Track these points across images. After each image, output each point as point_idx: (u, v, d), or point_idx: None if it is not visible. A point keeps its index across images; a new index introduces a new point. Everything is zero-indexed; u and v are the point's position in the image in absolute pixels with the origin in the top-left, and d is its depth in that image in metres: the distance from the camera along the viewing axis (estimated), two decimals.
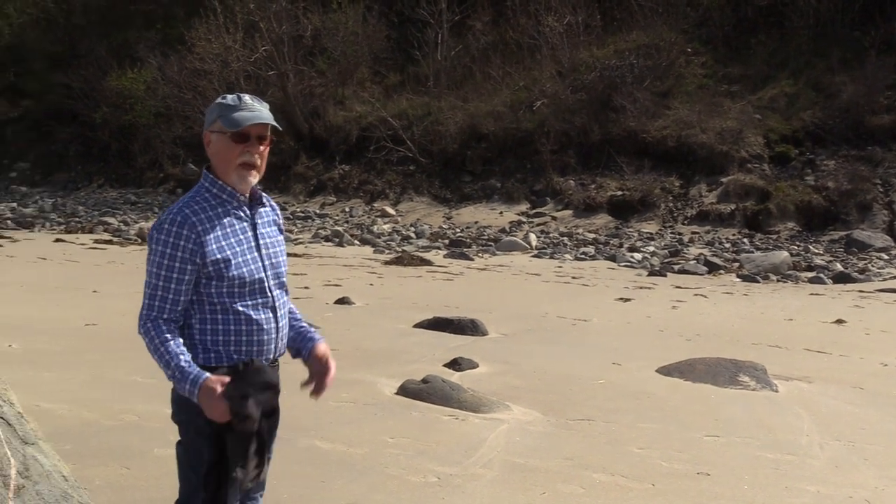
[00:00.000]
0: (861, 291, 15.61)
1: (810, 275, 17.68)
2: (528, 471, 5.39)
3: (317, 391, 3.29)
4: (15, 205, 28.69)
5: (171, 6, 35.72)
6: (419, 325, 10.61)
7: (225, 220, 3.07)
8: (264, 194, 3.23)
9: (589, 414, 6.77)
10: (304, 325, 3.40)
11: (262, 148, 3.10)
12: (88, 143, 33.05)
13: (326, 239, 22.77)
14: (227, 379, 2.94)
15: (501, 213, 25.15)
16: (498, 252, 20.91)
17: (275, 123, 3.10)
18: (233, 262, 3.04)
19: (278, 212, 3.32)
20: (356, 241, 22.37)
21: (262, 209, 3.20)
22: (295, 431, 5.96)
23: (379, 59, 31.70)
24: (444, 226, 24.71)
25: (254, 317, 3.07)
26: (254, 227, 3.14)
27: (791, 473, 5.50)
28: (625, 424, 6.50)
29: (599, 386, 7.77)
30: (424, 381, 7.24)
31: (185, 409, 3.01)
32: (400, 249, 20.84)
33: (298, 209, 26.93)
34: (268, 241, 3.17)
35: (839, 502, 5.07)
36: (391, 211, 26.24)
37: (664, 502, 4.96)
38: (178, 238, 2.97)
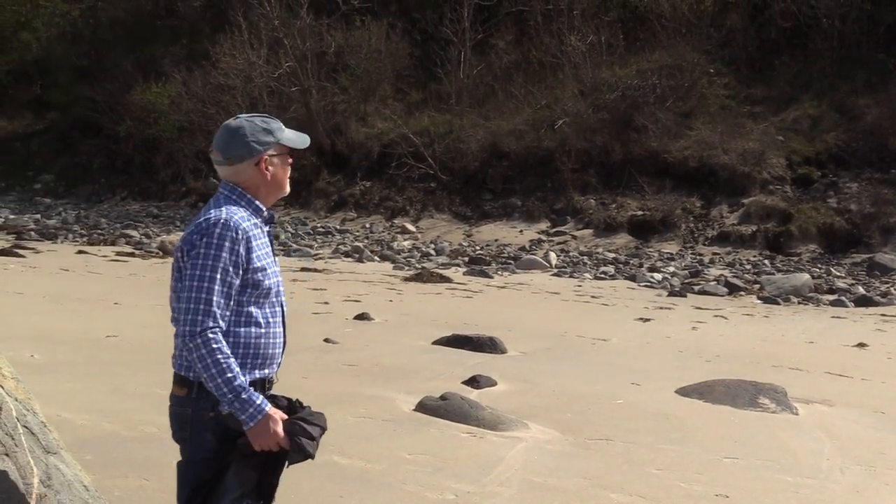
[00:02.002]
0: (883, 315, 15.48)
1: (832, 297, 17.55)
2: (545, 490, 5.38)
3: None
4: (39, 216, 28.93)
5: (197, 22, 36.04)
6: (438, 342, 10.61)
7: (257, 231, 3.12)
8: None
9: (607, 434, 6.75)
10: None
11: None
12: (112, 156, 33.31)
13: (346, 254, 22.82)
14: (284, 415, 2.98)
15: (521, 231, 25.13)
16: (517, 270, 20.89)
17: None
18: (268, 270, 3.09)
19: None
20: (376, 258, 22.41)
21: (271, 226, 3.27)
22: None
23: (401, 76, 31.83)
24: (463, 243, 24.72)
25: (272, 329, 3.11)
26: (270, 242, 3.20)
27: (811, 497, 5.46)
28: (643, 445, 6.47)
29: (618, 406, 7.74)
30: (443, 397, 7.24)
31: (191, 427, 3.00)
32: (420, 266, 20.86)
33: (319, 224, 27.01)
34: (276, 256, 3.24)
35: None
36: (411, 227, 26.28)
37: None
38: (232, 242, 2.98)
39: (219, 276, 2.95)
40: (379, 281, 17.96)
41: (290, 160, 3.22)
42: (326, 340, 10.37)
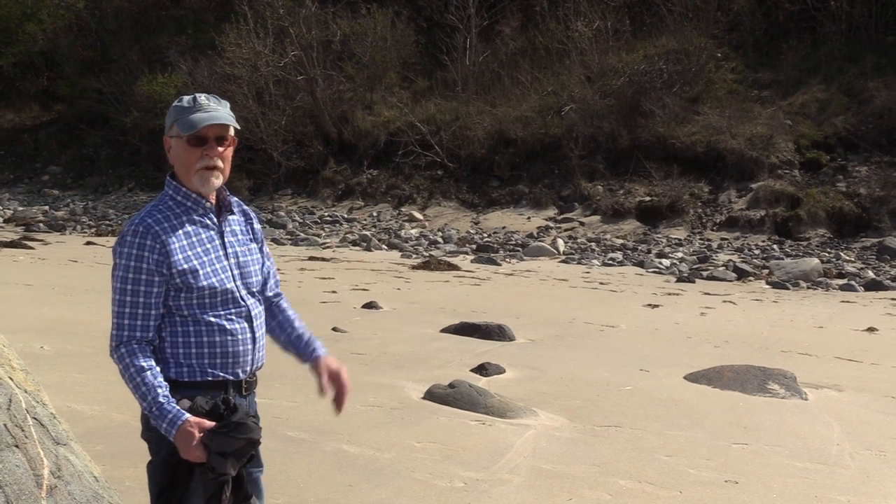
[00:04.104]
0: (893, 299, 15.44)
1: (841, 282, 17.51)
2: (554, 477, 5.38)
3: (339, 407, 3.18)
4: (47, 208, 29.01)
5: (202, 12, 36.01)
6: (446, 330, 10.62)
7: (190, 229, 2.94)
8: (236, 200, 3.12)
9: (616, 420, 6.74)
10: (305, 330, 3.29)
11: (221, 149, 2.95)
12: (119, 147, 33.36)
13: (354, 243, 22.84)
14: (207, 423, 2.77)
15: (529, 218, 25.11)
16: (525, 257, 20.87)
17: (232, 123, 2.96)
18: (200, 272, 2.89)
19: (254, 217, 3.19)
20: (384, 246, 22.42)
21: (230, 217, 3.06)
22: (321, 435, 5.99)
23: (407, 64, 31.77)
24: (471, 231, 24.71)
25: (227, 327, 2.93)
26: (221, 234, 3.01)
27: (821, 483, 5.45)
28: (652, 431, 6.47)
29: (627, 392, 7.73)
30: (451, 385, 7.24)
31: (154, 428, 2.85)
32: (427, 254, 20.87)
33: (326, 213, 27.03)
34: (237, 249, 3.03)
35: None
36: (419, 216, 26.27)
37: None
38: (141, 249, 2.82)
39: (129, 287, 2.83)
40: (387, 269, 17.97)
41: (201, 146, 2.91)
42: (335, 329, 10.38)
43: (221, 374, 2.94)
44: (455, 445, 5.94)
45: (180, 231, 2.90)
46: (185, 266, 2.87)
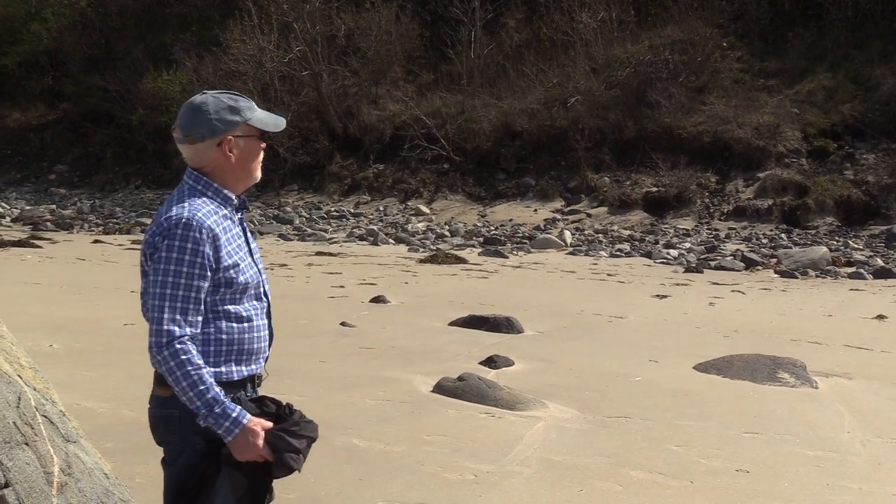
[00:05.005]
0: None
1: (850, 270, 17.46)
2: (565, 468, 5.37)
3: None
4: (54, 207, 29.09)
5: (206, 8, 36.02)
6: (454, 323, 10.61)
7: (226, 224, 2.90)
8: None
9: (626, 411, 6.73)
10: None
11: None
12: (125, 145, 33.43)
13: (361, 238, 22.84)
14: (267, 423, 2.79)
15: (536, 210, 25.08)
16: (533, 250, 20.86)
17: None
18: (241, 266, 2.87)
19: None
20: (391, 240, 22.42)
21: (245, 213, 3.07)
22: (332, 429, 5.99)
23: (412, 57, 31.74)
24: (478, 224, 24.69)
25: (255, 323, 2.92)
26: (244, 231, 3.00)
27: (832, 471, 5.43)
28: (662, 422, 6.46)
29: (636, 383, 7.72)
30: (460, 378, 7.24)
31: (178, 430, 2.81)
32: (434, 248, 20.86)
33: (333, 208, 27.03)
34: (252, 245, 3.03)
35: (882, 500, 5.00)
36: (425, 209, 26.27)
37: (703, 500, 4.92)
38: (196, 243, 2.76)
39: (183, 281, 2.75)
40: (394, 263, 17.97)
41: (263, 144, 2.95)
42: (343, 324, 10.38)
43: (245, 370, 2.91)
44: (465, 438, 5.94)
45: (222, 226, 2.86)
46: (229, 261, 2.84)
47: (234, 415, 2.71)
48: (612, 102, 26.94)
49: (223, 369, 2.85)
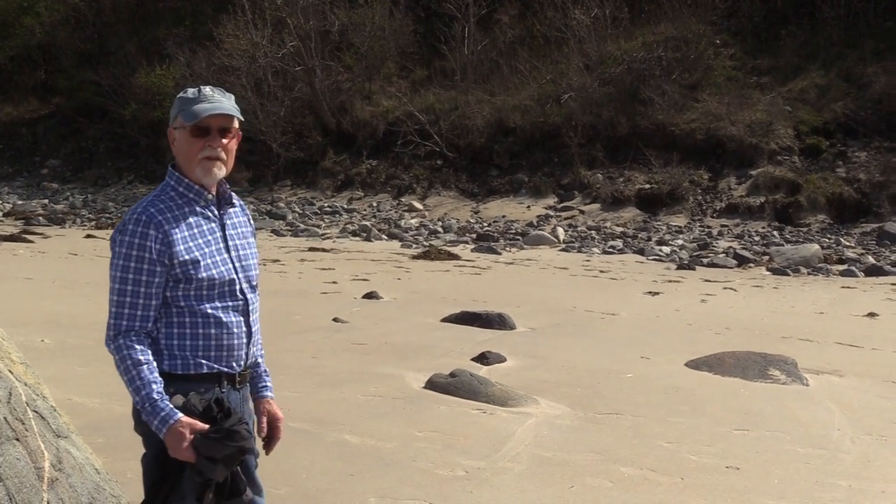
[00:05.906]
0: (894, 284, 15.44)
1: (842, 268, 17.50)
2: (556, 465, 5.39)
3: (268, 450, 3.16)
4: (46, 201, 28.99)
5: (200, 3, 35.87)
6: (447, 320, 10.62)
7: (192, 220, 2.92)
8: (234, 194, 3.10)
9: (617, 408, 6.75)
10: (261, 359, 3.22)
11: (225, 141, 2.94)
12: (118, 140, 33.30)
13: (354, 234, 22.83)
14: (199, 425, 2.74)
15: (529, 206, 25.08)
16: (525, 246, 20.87)
17: (236, 114, 2.96)
18: (202, 262, 2.88)
19: (248, 213, 3.18)
20: (384, 236, 22.41)
21: (231, 209, 3.06)
22: (323, 425, 5.99)
23: (405, 53, 31.69)
24: (471, 220, 24.69)
25: (224, 320, 2.92)
26: (222, 227, 3.00)
27: (822, 468, 5.46)
28: (653, 418, 6.48)
29: (628, 380, 7.74)
30: (452, 375, 7.25)
31: (144, 422, 2.83)
32: (427, 244, 20.86)
33: (326, 204, 27.00)
34: (237, 241, 3.03)
35: (871, 497, 5.02)
36: (418, 205, 26.25)
37: (693, 496, 4.94)
38: (143, 238, 2.81)
39: (131, 276, 2.81)
40: (387, 259, 17.97)
41: (200, 138, 2.91)
42: (335, 320, 10.38)
43: (216, 366, 2.92)
44: (456, 434, 5.95)
45: (182, 222, 2.89)
46: (187, 257, 2.85)
47: (162, 414, 2.75)
48: (606, 99, 26.94)
49: (191, 361, 2.89)
